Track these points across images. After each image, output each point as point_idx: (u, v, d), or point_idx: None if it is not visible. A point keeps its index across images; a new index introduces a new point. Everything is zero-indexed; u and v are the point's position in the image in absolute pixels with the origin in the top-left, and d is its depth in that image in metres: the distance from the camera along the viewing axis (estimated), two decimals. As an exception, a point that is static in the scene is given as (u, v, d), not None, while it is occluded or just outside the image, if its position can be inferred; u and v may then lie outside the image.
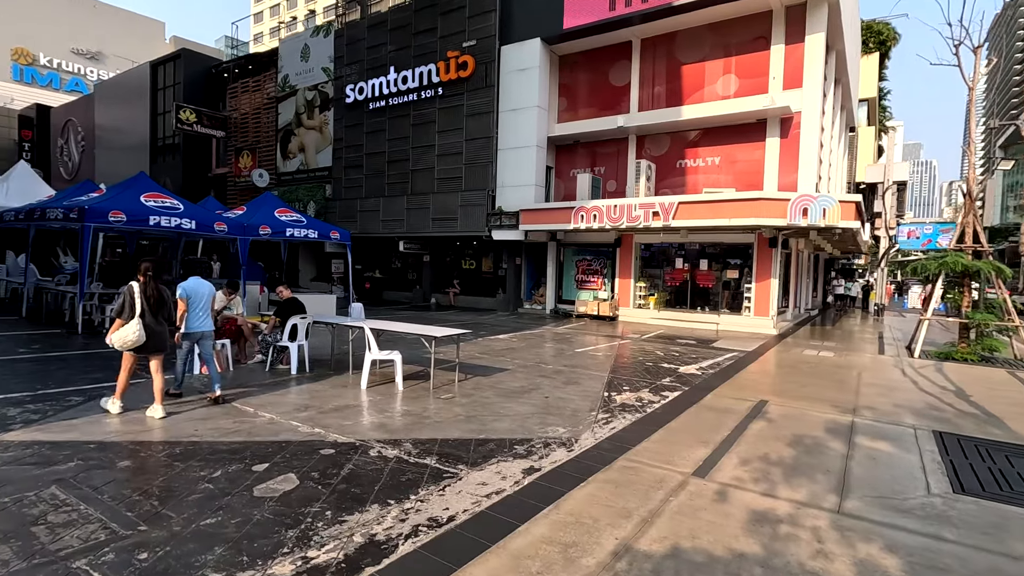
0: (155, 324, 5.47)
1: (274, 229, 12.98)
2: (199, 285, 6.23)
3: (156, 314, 5.47)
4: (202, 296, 6.20)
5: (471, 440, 5.04)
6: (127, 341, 5.31)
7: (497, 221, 17.84)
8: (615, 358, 10.13)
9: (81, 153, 35.22)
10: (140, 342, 5.35)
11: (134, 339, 5.32)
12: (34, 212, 11.54)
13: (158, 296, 5.50)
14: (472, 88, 18.44)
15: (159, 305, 5.51)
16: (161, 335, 5.56)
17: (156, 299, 5.48)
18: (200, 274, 6.42)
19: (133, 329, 5.30)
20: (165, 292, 5.64)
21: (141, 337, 5.33)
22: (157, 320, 5.49)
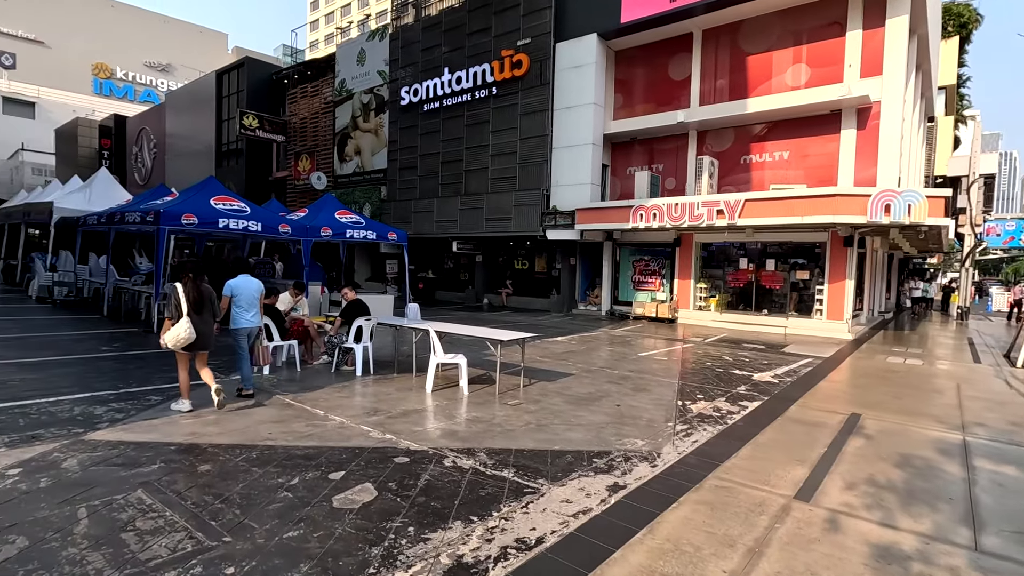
0: (200, 322, 5.58)
1: (335, 231, 13.16)
2: (246, 283, 6.32)
3: (199, 312, 5.59)
4: (249, 293, 6.30)
5: (547, 451, 4.80)
6: (179, 339, 5.44)
7: (552, 221, 17.56)
8: (681, 363, 9.68)
9: (153, 159, 37.25)
10: (191, 339, 5.48)
11: (185, 336, 5.44)
12: (114, 216, 12.13)
13: (198, 295, 5.61)
14: (526, 87, 18.23)
15: (200, 304, 5.62)
16: (206, 333, 5.67)
17: (196, 298, 5.58)
18: (248, 272, 6.53)
19: (184, 327, 5.44)
20: (206, 291, 5.74)
21: (192, 335, 5.46)
22: (202, 318, 5.62)
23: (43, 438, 4.61)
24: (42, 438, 4.61)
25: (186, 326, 5.45)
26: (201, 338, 5.59)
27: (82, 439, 4.63)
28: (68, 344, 8.98)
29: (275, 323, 7.62)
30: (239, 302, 6.23)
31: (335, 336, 7.87)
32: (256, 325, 6.39)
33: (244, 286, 6.30)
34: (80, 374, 7.01)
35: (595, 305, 18.85)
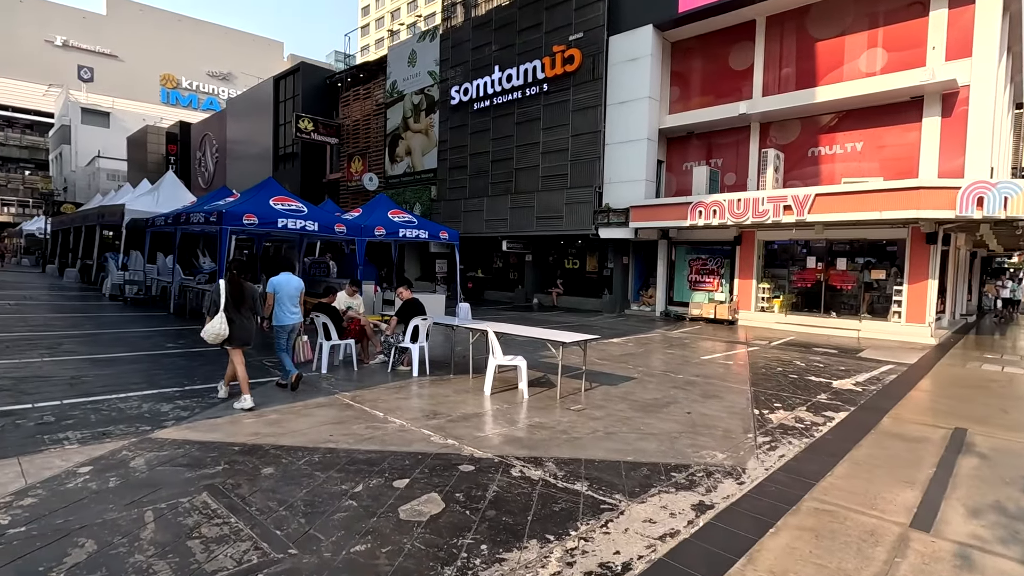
0: (239, 317, 5.65)
1: (388, 230, 13.18)
2: (288, 280, 6.47)
3: (239, 308, 5.67)
4: (290, 291, 6.44)
5: (619, 463, 4.47)
6: (216, 334, 5.53)
7: (604, 219, 17.10)
8: (750, 368, 9.10)
9: (215, 163, 38.89)
10: (226, 334, 5.56)
11: (219, 331, 5.53)
12: (180, 217, 12.54)
13: (239, 292, 5.70)
14: (578, 82, 17.83)
15: (239, 300, 5.70)
16: (245, 328, 5.74)
17: (237, 295, 5.68)
18: (289, 271, 6.67)
19: (219, 322, 5.52)
20: (247, 288, 5.85)
21: (226, 329, 5.54)
22: (241, 313, 5.68)
23: (113, 435, 4.64)
24: (112, 435, 4.64)
25: (221, 320, 5.53)
26: (237, 332, 5.66)
27: (149, 437, 4.63)
28: (137, 340, 9.28)
29: (333, 322, 7.57)
30: (280, 299, 6.38)
31: (391, 336, 7.77)
32: (296, 322, 6.52)
33: (285, 284, 6.45)
34: (148, 371, 7.16)
35: (648, 306, 18.26)
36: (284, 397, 6.17)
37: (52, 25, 71.50)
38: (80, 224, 21.14)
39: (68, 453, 4.18)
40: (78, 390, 6.01)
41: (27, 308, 12.66)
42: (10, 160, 64.84)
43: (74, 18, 74.16)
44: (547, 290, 20.87)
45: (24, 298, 14.49)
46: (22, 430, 4.66)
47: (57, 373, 6.71)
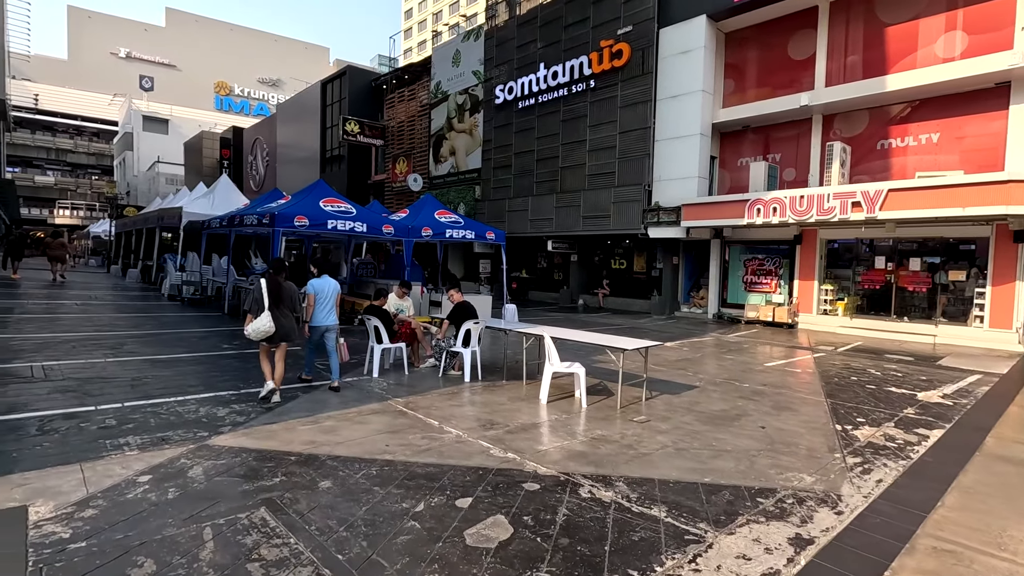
0: (279, 316, 5.88)
1: (435, 231, 13.08)
2: (325, 283, 6.64)
3: (278, 306, 5.89)
4: (327, 293, 6.59)
5: (696, 484, 4.10)
6: (261, 331, 5.77)
7: (654, 217, 16.54)
8: (820, 376, 8.48)
9: (266, 167, 40.07)
10: (271, 331, 5.79)
11: (266, 328, 5.76)
12: (234, 219, 12.79)
13: (278, 291, 5.92)
14: (627, 77, 17.32)
15: (278, 299, 5.91)
16: (285, 326, 5.94)
17: (276, 294, 5.90)
18: (329, 273, 6.84)
19: (266, 319, 5.77)
20: (286, 288, 6.06)
21: (271, 326, 5.77)
22: (281, 312, 5.91)
23: (171, 441, 4.59)
24: (170, 441, 4.59)
25: (267, 318, 5.77)
26: (280, 331, 5.88)
27: (207, 444, 4.56)
28: (195, 341, 9.44)
29: (384, 325, 7.45)
30: (318, 301, 6.52)
31: (442, 339, 7.58)
32: (331, 323, 6.65)
33: (324, 286, 6.60)
34: (205, 372, 7.21)
35: (700, 307, 17.57)
36: (337, 403, 6.05)
37: (117, 38, 75.58)
38: (141, 226, 22.05)
39: (128, 460, 4.14)
40: (139, 392, 6.06)
41: (93, 308, 13.18)
42: (79, 166, 68.81)
43: (136, 31, 78.14)
44: (593, 291, 20.43)
45: (90, 298, 15.13)
46: (85, 434, 4.67)
47: (119, 374, 6.82)
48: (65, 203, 63.17)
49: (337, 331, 6.73)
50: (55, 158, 67.62)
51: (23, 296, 14.68)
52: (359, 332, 11.39)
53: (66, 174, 67.34)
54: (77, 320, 11.02)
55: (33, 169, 64.76)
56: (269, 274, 6.03)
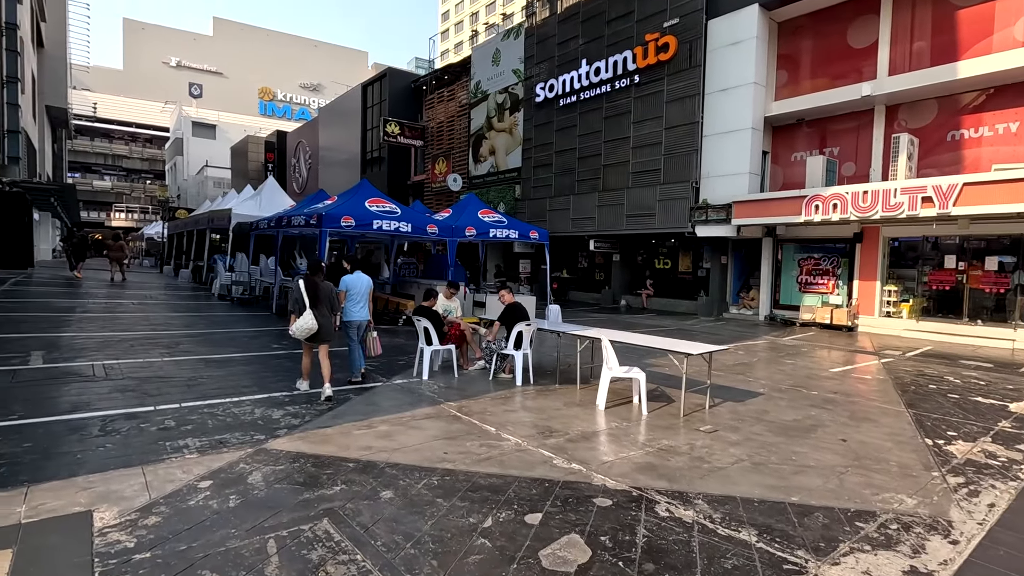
0: (319, 315, 6.04)
1: (479, 230, 12.93)
2: (359, 279, 6.80)
3: (316, 306, 6.04)
4: (360, 288, 6.75)
5: (784, 505, 3.76)
6: (305, 329, 5.97)
7: (702, 215, 15.99)
8: (894, 384, 7.91)
9: (309, 169, 40.92)
10: (314, 329, 5.97)
11: (310, 327, 5.96)
12: (281, 220, 12.94)
13: (316, 291, 6.09)
14: (673, 71, 16.80)
15: (315, 298, 6.07)
16: (325, 326, 6.12)
17: (313, 294, 6.06)
18: (361, 270, 7.03)
19: (308, 318, 5.96)
20: (323, 288, 6.19)
21: (315, 325, 5.95)
22: (319, 311, 6.07)
23: (229, 444, 4.52)
24: (228, 444, 4.52)
25: (310, 317, 5.96)
26: (321, 330, 6.06)
27: (264, 448, 4.47)
28: (245, 340, 9.53)
29: (434, 326, 7.30)
30: (351, 296, 6.67)
31: (493, 341, 7.39)
32: (365, 319, 6.82)
33: (356, 282, 6.75)
34: (257, 373, 7.21)
35: (750, 309, 16.90)
36: (391, 405, 5.92)
37: (168, 48, 78.76)
38: (192, 228, 22.73)
39: (188, 464, 4.07)
40: (195, 392, 6.07)
41: (149, 307, 13.56)
42: (133, 171, 72.02)
43: (186, 40, 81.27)
44: (636, 291, 19.95)
45: (146, 297, 15.61)
46: (145, 435, 4.65)
47: (176, 374, 6.88)
48: (121, 206, 66.19)
49: (370, 326, 6.92)
50: (112, 163, 70.95)
51: (85, 296, 15.26)
52: (404, 332, 11.36)
53: (122, 179, 70.56)
54: (134, 319, 11.32)
55: (92, 174, 68.07)
56: (306, 275, 6.21)
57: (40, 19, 36.28)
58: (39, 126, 36.58)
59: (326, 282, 6.32)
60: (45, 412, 5.12)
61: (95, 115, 65.92)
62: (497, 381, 7.31)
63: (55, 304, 12.93)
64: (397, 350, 9.31)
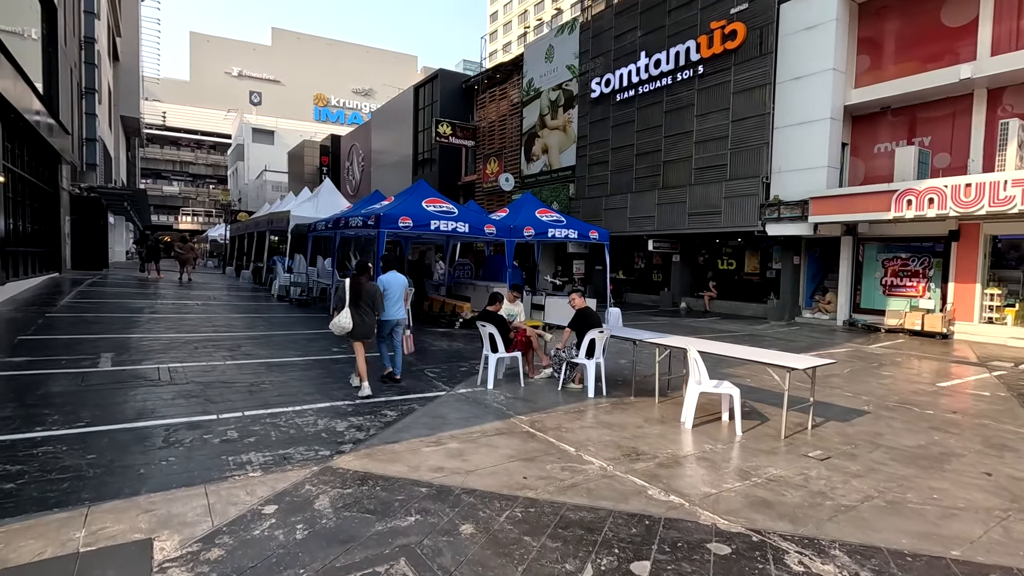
0: (359, 314, 6.17)
1: (537, 230, 12.48)
2: (394, 278, 6.88)
3: (356, 306, 6.17)
4: (395, 288, 6.81)
5: (945, 561, 3.09)
6: (339, 326, 6.13)
7: (774, 213, 14.95)
8: (1020, 402, 6.90)
9: (361, 171, 41.61)
10: (349, 328, 6.10)
11: (343, 324, 6.10)
12: (339, 221, 12.88)
13: (357, 290, 6.20)
14: (741, 60, 15.82)
15: (357, 297, 6.19)
16: (363, 324, 6.22)
17: (355, 292, 6.18)
18: (397, 269, 7.12)
19: (344, 316, 6.09)
20: (366, 287, 6.28)
21: (350, 323, 6.07)
22: (361, 311, 6.19)
23: (293, 460, 4.22)
24: (292, 460, 4.22)
25: (346, 316, 6.09)
26: (358, 328, 6.16)
27: (330, 466, 4.14)
28: (305, 343, 9.40)
29: (500, 332, 6.87)
30: (388, 295, 6.68)
31: (563, 349, 6.89)
32: (401, 317, 6.90)
33: (393, 281, 6.82)
34: (318, 379, 6.99)
35: (826, 312, 15.71)
36: (458, 418, 5.53)
37: (230, 58, 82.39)
38: (253, 230, 23.32)
39: (252, 483, 3.78)
40: (257, 400, 5.87)
41: (212, 308, 13.81)
42: (199, 177, 75.65)
43: (246, 51, 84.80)
44: (697, 293, 19.00)
45: (210, 298, 15.97)
46: (208, 448, 4.42)
47: (238, 378, 6.74)
48: (187, 210, 69.61)
49: (404, 325, 7.02)
50: (179, 169, 74.78)
51: (154, 296, 15.75)
52: (462, 336, 11.01)
53: (188, 184, 74.26)
54: (198, 320, 11.47)
55: (161, 180, 71.94)
56: (352, 275, 6.33)
57: (116, 34, 38.39)
58: (114, 135, 38.72)
59: (371, 283, 6.44)
60: (111, 419, 5.00)
61: (164, 124, 69.61)
62: (567, 392, 6.81)
63: (126, 305, 13.34)
64: (457, 355, 8.96)
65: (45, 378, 6.29)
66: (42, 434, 4.54)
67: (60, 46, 18.52)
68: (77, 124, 23.05)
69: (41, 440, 4.41)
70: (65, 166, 19.63)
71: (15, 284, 13.69)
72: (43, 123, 14.85)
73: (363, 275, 6.34)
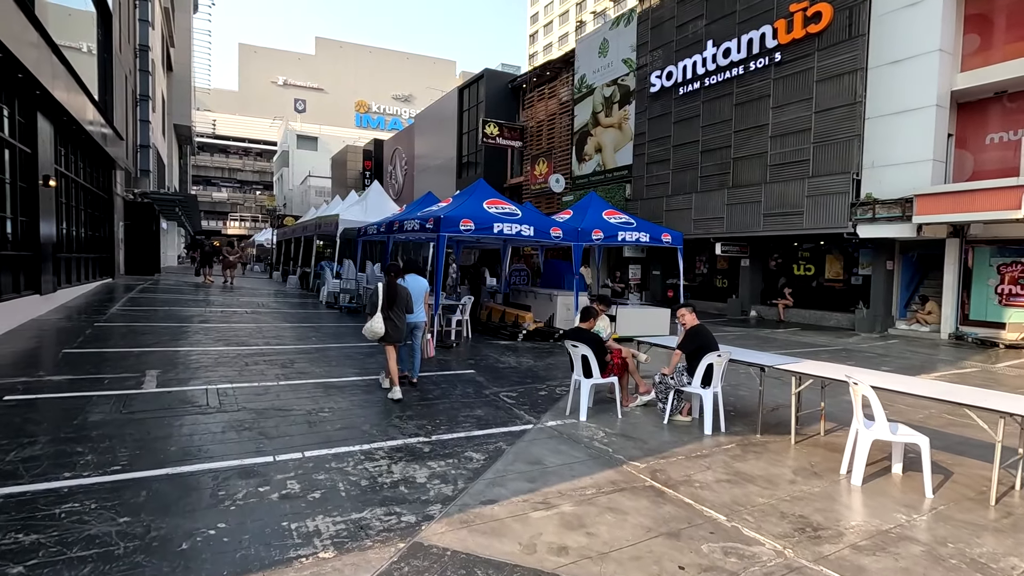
0: (393, 317, 6.17)
1: (606, 233, 11.40)
2: (415, 282, 6.89)
3: (391, 308, 6.17)
4: (417, 291, 6.82)
5: None
6: (372, 331, 6.10)
7: (867, 213, 13.41)
8: None
9: (404, 175, 41.30)
10: (381, 332, 6.10)
11: (377, 329, 6.08)
12: (392, 225, 12.08)
13: (391, 294, 6.19)
14: (827, 44, 14.34)
15: (391, 300, 6.19)
16: (396, 328, 6.23)
17: (388, 296, 6.18)
18: (417, 272, 7.14)
19: (377, 320, 6.08)
20: (398, 290, 6.28)
21: (382, 328, 6.06)
22: (395, 314, 6.20)
23: (371, 531, 3.28)
24: (371, 531, 3.28)
25: (379, 320, 6.06)
26: (392, 332, 6.17)
27: (420, 542, 3.18)
28: (362, 359, 8.57)
29: (596, 354, 5.80)
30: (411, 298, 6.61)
31: (671, 375, 5.78)
32: (422, 320, 6.94)
33: (413, 285, 6.76)
34: (382, 404, 6.10)
35: (924, 324, 14.01)
36: (558, 464, 4.50)
37: (276, 68, 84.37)
38: (300, 235, 22.99)
39: (324, 570, 2.84)
40: (318, 434, 4.99)
41: (261, 316, 13.25)
42: (246, 183, 77.53)
43: (291, 60, 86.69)
44: (771, 301, 17.46)
45: (258, 306, 15.49)
46: (265, 507, 3.53)
47: (294, 405, 5.90)
48: (235, 215, 71.30)
49: (424, 328, 7.05)
50: (227, 176, 76.82)
51: (204, 303, 15.38)
52: (528, 350, 9.98)
53: (235, 190, 76.19)
54: (248, 331, 10.85)
55: (211, 186, 73.99)
56: (389, 278, 6.31)
57: (170, 44, 39.27)
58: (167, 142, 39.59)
59: (403, 287, 6.43)
60: (151, 461, 4.19)
61: (214, 132, 71.60)
62: (674, 426, 5.70)
63: (176, 313, 12.90)
64: (530, 375, 7.95)
65: (84, 402, 5.60)
66: (70, 483, 3.74)
67: (115, 53, 18.50)
68: (132, 131, 23.24)
69: (68, 492, 3.61)
70: (119, 172, 19.68)
71: (67, 291, 13.47)
72: (97, 130, 14.67)
73: (396, 278, 6.36)
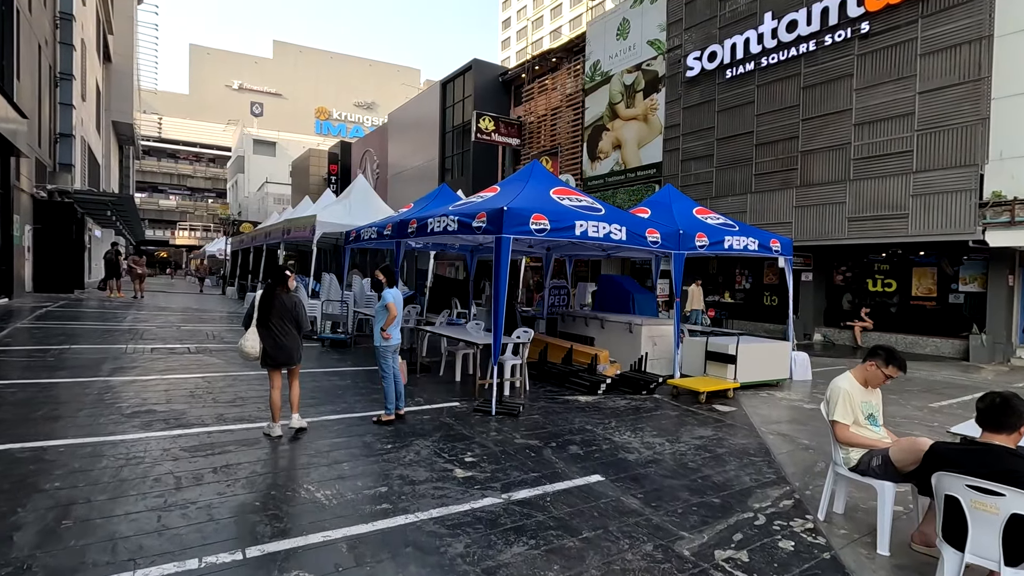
0: (268, 334, 5.11)
1: (711, 239, 8.18)
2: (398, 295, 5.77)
3: (267, 322, 5.14)
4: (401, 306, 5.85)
5: None
6: (245, 352, 5.09)
7: (1001, 215, 10.70)
8: None
9: (376, 180, 37.39)
10: (254, 353, 5.07)
11: (248, 349, 5.05)
12: (405, 225, 8.48)
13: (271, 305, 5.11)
14: (933, 10, 11.71)
15: (268, 313, 5.11)
16: (279, 347, 5.09)
17: (265, 307, 5.12)
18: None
19: (250, 337, 5.06)
20: (283, 301, 5.18)
21: (257, 347, 5.08)
22: (280, 330, 5.15)
23: None
24: None
25: (252, 337, 4.97)
26: (271, 352, 5.02)
27: None
28: (391, 446, 4.98)
29: None
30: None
31: None
32: (396, 343, 5.70)
33: (399, 298, 5.76)
34: None
35: (1055, 352, 11.38)
36: None
37: (231, 71, 79.08)
38: (262, 243, 18.93)
39: None
40: None
41: (210, 359, 9.38)
42: (197, 190, 71.64)
43: (247, 64, 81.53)
44: (844, 323, 14.65)
45: (208, 337, 11.54)
46: None
47: None
48: (184, 224, 65.38)
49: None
50: (177, 183, 70.80)
51: (126, 332, 11.31)
52: (627, 413, 6.45)
53: (186, 197, 70.22)
54: (188, 389, 7.06)
55: (158, 193, 67.91)
56: (267, 284, 5.19)
57: (108, 31, 34.38)
58: (104, 141, 34.47)
59: (289, 295, 5.17)
60: None
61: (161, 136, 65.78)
62: None
63: (78, 358, 8.90)
64: (700, 480, 4.50)
65: None
66: None
67: (18, 7, 14.34)
68: (48, 113, 18.83)
69: None
70: (23, 161, 15.35)
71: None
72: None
73: (280, 284, 5.14)
